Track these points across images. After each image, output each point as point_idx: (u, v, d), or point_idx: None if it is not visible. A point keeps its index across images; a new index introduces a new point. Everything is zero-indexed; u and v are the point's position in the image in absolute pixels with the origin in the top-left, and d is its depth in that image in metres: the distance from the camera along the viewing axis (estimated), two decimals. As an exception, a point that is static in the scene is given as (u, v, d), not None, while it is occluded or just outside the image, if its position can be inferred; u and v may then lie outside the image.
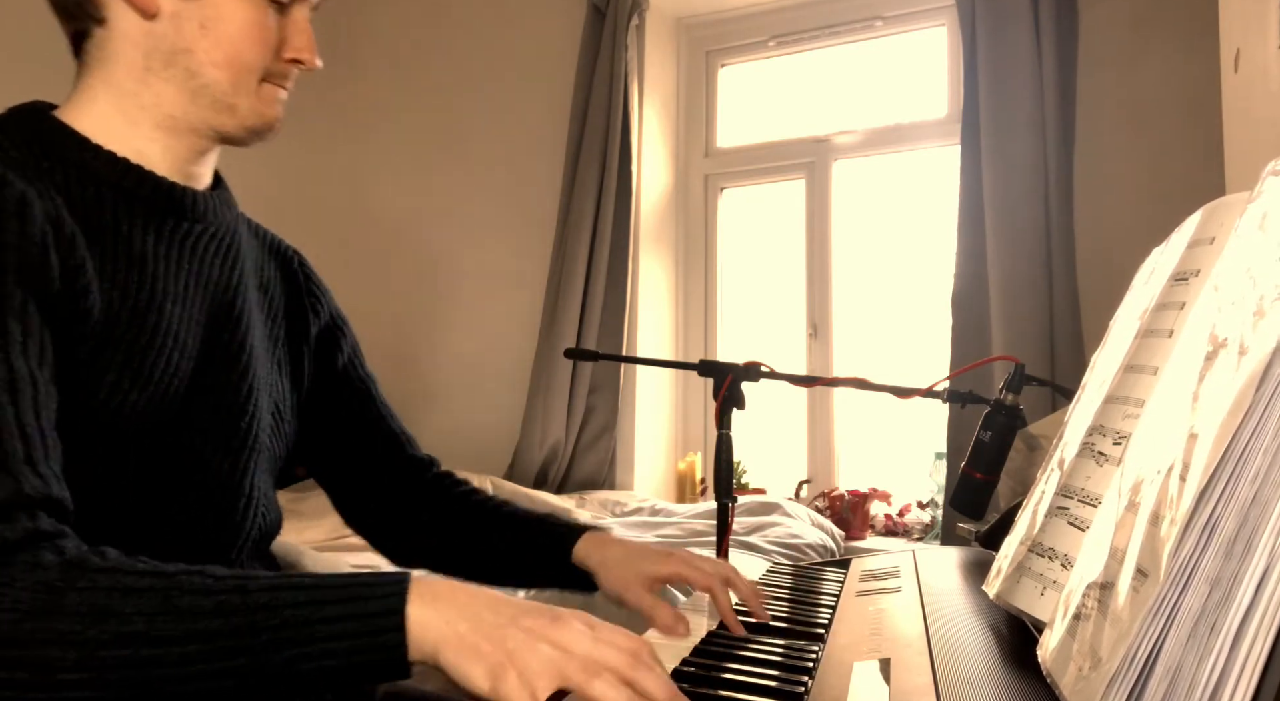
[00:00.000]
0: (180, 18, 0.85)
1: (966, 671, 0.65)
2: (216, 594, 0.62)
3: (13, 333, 0.69)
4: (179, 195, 0.88)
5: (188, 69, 0.86)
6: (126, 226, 0.84)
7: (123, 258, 0.82)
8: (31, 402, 0.68)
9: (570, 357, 2.48)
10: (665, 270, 3.30)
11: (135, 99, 0.86)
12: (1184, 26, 2.41)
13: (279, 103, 0.92)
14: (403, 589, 0.63)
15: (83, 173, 0.83)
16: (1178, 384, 0.55)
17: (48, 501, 0.66)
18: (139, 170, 0.86)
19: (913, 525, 2.89)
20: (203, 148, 0.91)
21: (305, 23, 0.91)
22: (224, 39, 0.86)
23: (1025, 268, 2.47)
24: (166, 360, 0.83)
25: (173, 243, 0.88)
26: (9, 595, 0.59)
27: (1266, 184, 0.56)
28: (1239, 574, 0.38)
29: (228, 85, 0.87)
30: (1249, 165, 1.51)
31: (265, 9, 0.87)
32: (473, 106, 3.38)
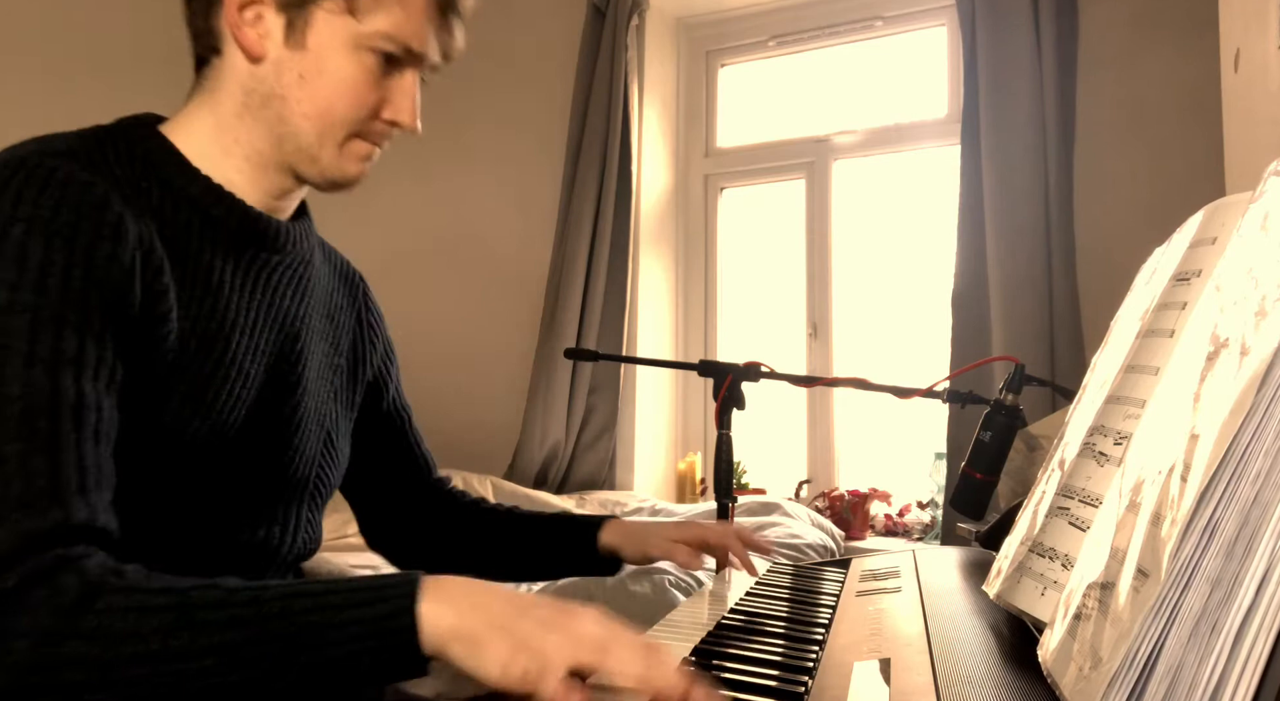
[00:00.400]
0: (282, 65, 0.86)
1: (966, 671, 0.65)
2: (231, 606, 0.63)
3: (88, 355, 0.71)
4: (263, 226, 0.90)
5: (279, 115, 0.87)
6: (209, 254, 0.85)
7: (200, 286, 0.83)
8: (94, 430, 0.70)
9: (570, 358, 2.47)
10: (665, 270, 3.30)
11: (231, 132, 0.88)
12: (1184, 26, 2.41)
13: (364, 161, 0.91)
14: (413, 588, 0.64)
15: (178, 197, 0.84)
16: (1179, 384, 0.55)
17: (89, 529, 0.67)
18: (230, 198, 0.87)
19: (913, 525, 2.89)
20: (287, 186, 0.92)
21: (413, 86, 0.90)
22: (319, 92, 0.86)
23: (1025, 268, 2.47)
24: (229, 391, 0.84)
25: (249, 273, 0.89)
26: (30, 620, 0.61)
27: (1268, 184, 0.56)
28: (1240, 574, 0.38)
29: (313, 136, 0.87)
30: (1249, 165, 1.51)
31: (372, 68, 0.87)
32: (472, 106, 3.38)
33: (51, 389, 0.68)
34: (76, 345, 0.70)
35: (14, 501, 0.64)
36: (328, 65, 0.86)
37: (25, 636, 0.60)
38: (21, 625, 0.60)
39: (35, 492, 0.65)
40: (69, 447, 0.67)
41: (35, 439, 0.66)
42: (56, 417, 0.67)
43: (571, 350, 2.19)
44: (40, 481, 0.65)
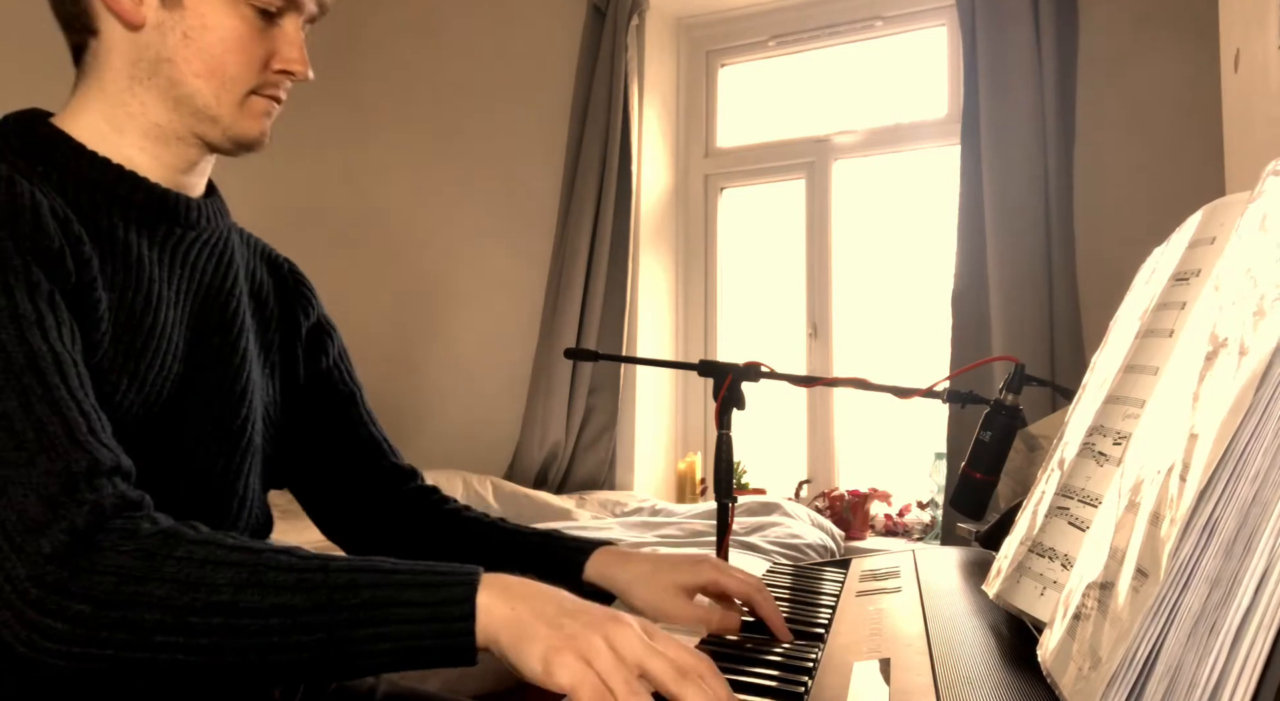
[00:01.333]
0: (164, 28, 0.85)
1: (966, 671, 0.65)
2: (300, 571, 0.65)
3: (46, 317, 0.71)
4: (171, 201, 0.89)
5: (170, 78, 0.86)
6: (123, 231, 0.85)
7: (120, 261, 0.83)
8: (78, 380, 0.71)
9: (570, 358, 2.47)
10: (665, 270, 3.30)
11: (123, 108, 0.87)
12: (1184, 26, 2.41)
13: (266, 116, 0.91)
14: (474, 579, 0.65)
15: (78, 178, 0.84)
16: (1178, 384, 0.55)
17: (119, 470, 0.69)
18: (132, 176, 0.86)
19: (913, 525, 2.89)
20: (191, 157, 0.91)
21: (296, 33, 0.90)
22: (206, 49, 0.86)
23: (1025, 268, 2.47)
24: (161, 363, 0.84)
25: (165, 248, 0.88)
26: (112, 560, 0.63)
27: (1267, 184, 0.56)
28: (1239, 574, 0.38)
29: (210, 96, 0.87)
30: (1249, 165, 1.51)
31: (252, 20, 0.87)
32: (473, 107, 3.38)
33: (25, 348, 0.69)
34: (33, 309, 0.71)
35: (35, 447, 0.65)
36: (209, 21, 0.85)
37: (110, 573, 0.62)
38: (107, 562, 0.63)
39: (53, 438, 0.66)
40: (64, 397, 0.68)
41: (30, 393, 0.67)
42: (41, 372, 0.68)
43: (571, 350, 2.19)
44: (52, 428, 0.66)
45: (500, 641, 0.63)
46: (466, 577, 0.65)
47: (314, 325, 1.08)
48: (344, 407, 1.09)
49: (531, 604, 0.64)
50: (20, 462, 0.65)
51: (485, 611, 0.64)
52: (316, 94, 3.21)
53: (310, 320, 1.08)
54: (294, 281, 1.08)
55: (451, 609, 0.64)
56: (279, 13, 0.89)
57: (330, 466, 1.08)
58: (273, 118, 0.92)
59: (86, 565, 0.62)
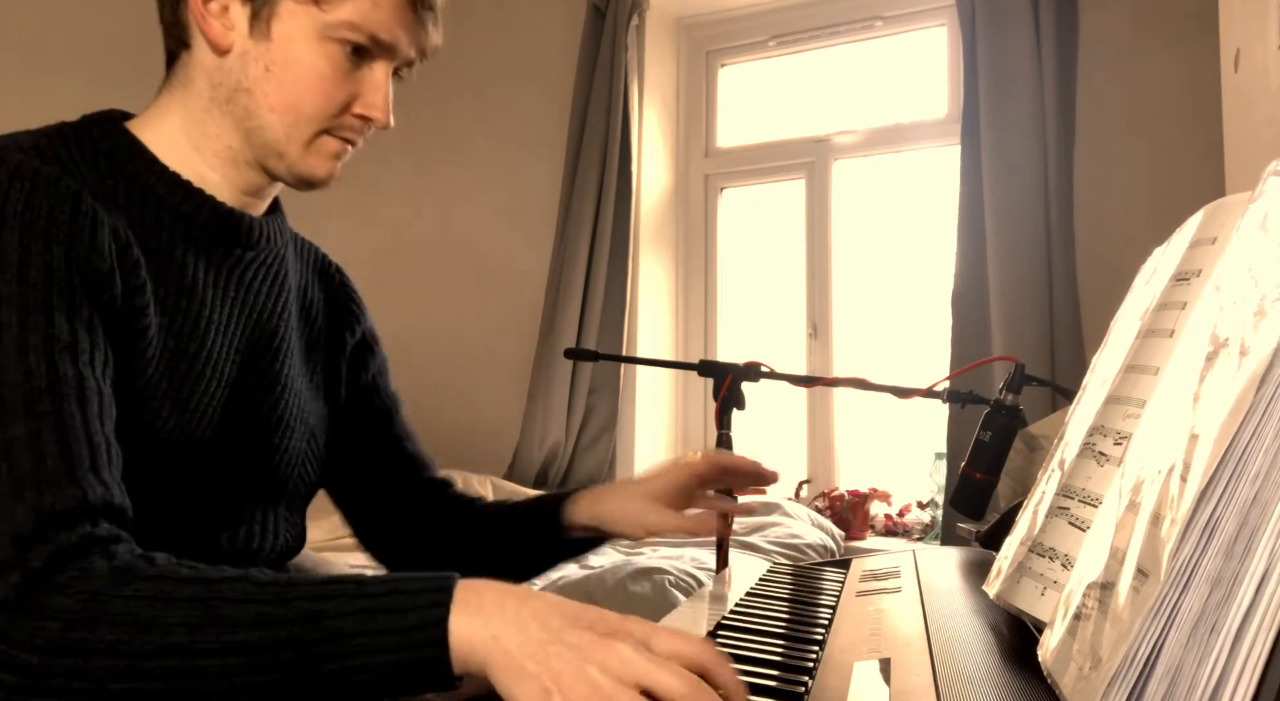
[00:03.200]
0: (247, 58, 0.84)
1: (966, 671, 0.64)
2: (259, 603, 0.61)
3: (81, 340, 0.70)
4: (235, 222, 0.88)
5: (246, 108, 0.85)
6: (181, 251, 0.84)
7: (174, 283, 0.83)
8: (98, 410, 0.69)
9: (570, 358, 2.48)
10: (665, 270, 3.30)
11: (201, 127, 0.87)
12: (1184, 26, 2.41)
13: (334, 159, 0.90)
14: (446, 597, 0.61)
15: (145, 194, 0.83)
16: (1178, 384, 0.55)
17: (109, 508, 0.66)
18: (199, 194, 0.86)
19: (913, 525, 2.89)
20: (260, 182, 0.90)
21: (384, 79, 0.89)
22: (286, 85, 0.84)
23: (1025, 268, 2.47)
24: (204, 389, 0.83)
25: (222, 270, 0.88)
26: (61, 603, 0.60)
27: (1268, 184, 0.56)
28: (1239, 574, 0.38)
29: (280, 132, 0.86)
30: (1249, 165, 1.51)
31: (339, 61, 0.85)
32: (473, 106, 3.38)
33: (50, 372, 0.67)
34: (69, 331, 0.70)
35: (28, 480, 0.63)
36: (293, 57, 0.84)
37: (57, 618, 0.59)
38: (53, 606, 0.59)
39: (48, 471, 0.64)
40: (76, 427, 0.67)
41: (41, 420, 0.66)
42: (60, 399, 0.67)
43: (571, 350, 2.19)
44: (51, 460, 0.65)
45: (490, 674, 0.59)
46: (438, 596, 0.61)
47: (359, 341, 1.08)
48: (383, 422, 1.10)
49: (511, 629, 0.59)
50: (8, 495, 0.62)
51: (463, 638, 0.59)
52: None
53: (356, 337, 1.08)
54: (344, 295, 1.08)
55: (421, 635, 0.59)
56: (370, 55, 0.87)
57: (370, 479, 1.09)
58: (344, 160, 0.91)
59: (34, 611, 0.59)
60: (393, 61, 0.89)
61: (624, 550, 2.30)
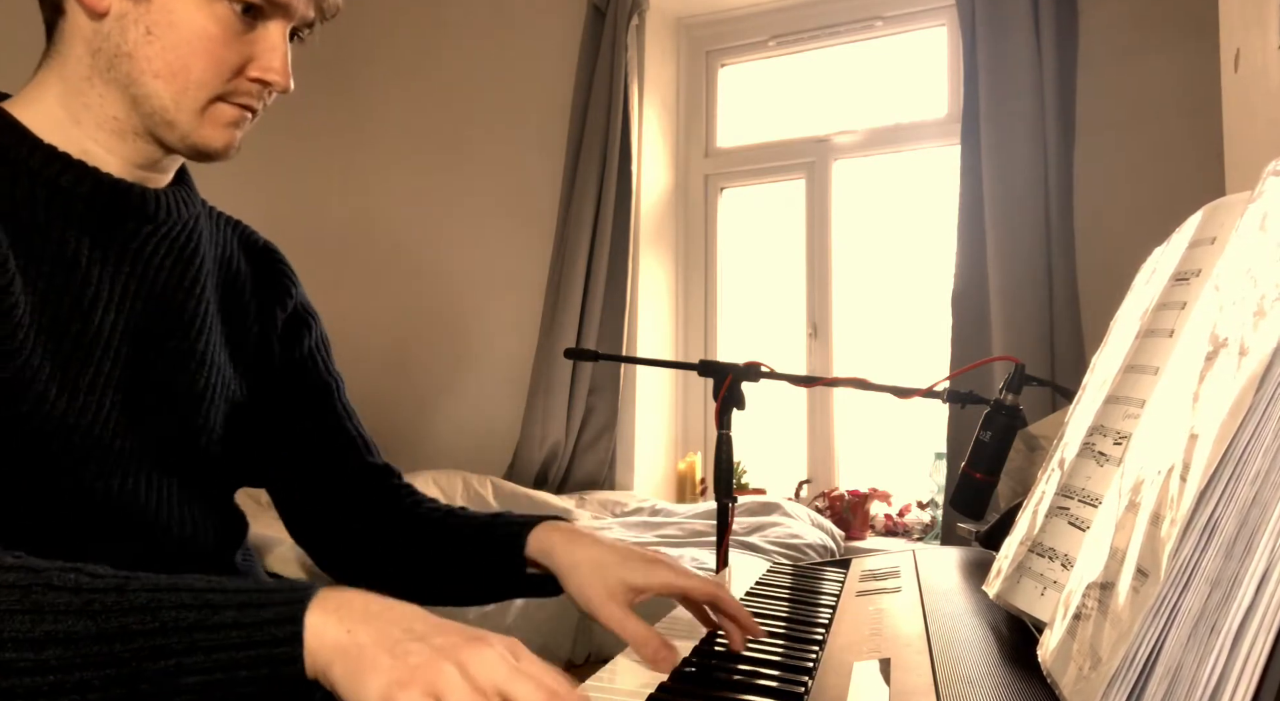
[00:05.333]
0: (126, 20, 0.78)
1: (966, 671, 0.65)
2: (89, 592, 0.54)
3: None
4: (123, 192, 0.82)
5: (129, 75, 0.79)
6: (60, 228, 0.78)
7: (50, 261, 0.77)
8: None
9: (570, 358, 2.47)
10: (665, 270, 3.30)
11: (80, 97, 0.80)
12: (1184, 26, 2.41)
13: (234, 126, 0.83)
14: (305, 595, 0.56)
15: (17, 169, 0.77)
16: (1178, 384, 0.55)
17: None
18: (80, 166, 0.79)
19: (913, 525, 2.89)
20: (152, 154, 0.83)
21: (280, 39, 0.82)
22: (169, 48, 0.78)
23: (1025, 268, 2.47)
24: (96, 369, 0.78)
25: (111, 245, 0.82)
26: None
27: (1267, 184, 0.56)
28: (1239, 574, 0.38)
29: (167, 99, 0.79)
30: (1249, 165, 1.51)
31: (228, 21, 0.79)
32: (473, 107, 3.38)
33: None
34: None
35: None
36: (177, 17, 0.77)
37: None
38: None
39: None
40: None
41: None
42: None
43: (571, 350, 2.19)
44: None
45: (333, 672, 0.54)
46: (295, 594, 0.56)
47: (291, 313, 1.00)
48: (319, 399, 1.01)
49: (373, 626, 0.54)
50: None
51: (315, 634, 0.54)
52: (316, 96, 3.22)
53: (288, 310, 1.00)
54: (274, 269, 1.00)
55: (273, 631, 0.54)
56: (263, 15, 0.80)
57: (303, 462, 0.99)
58: (243, 128, 0.84)
59: None
60: (289, 21, 0.82)
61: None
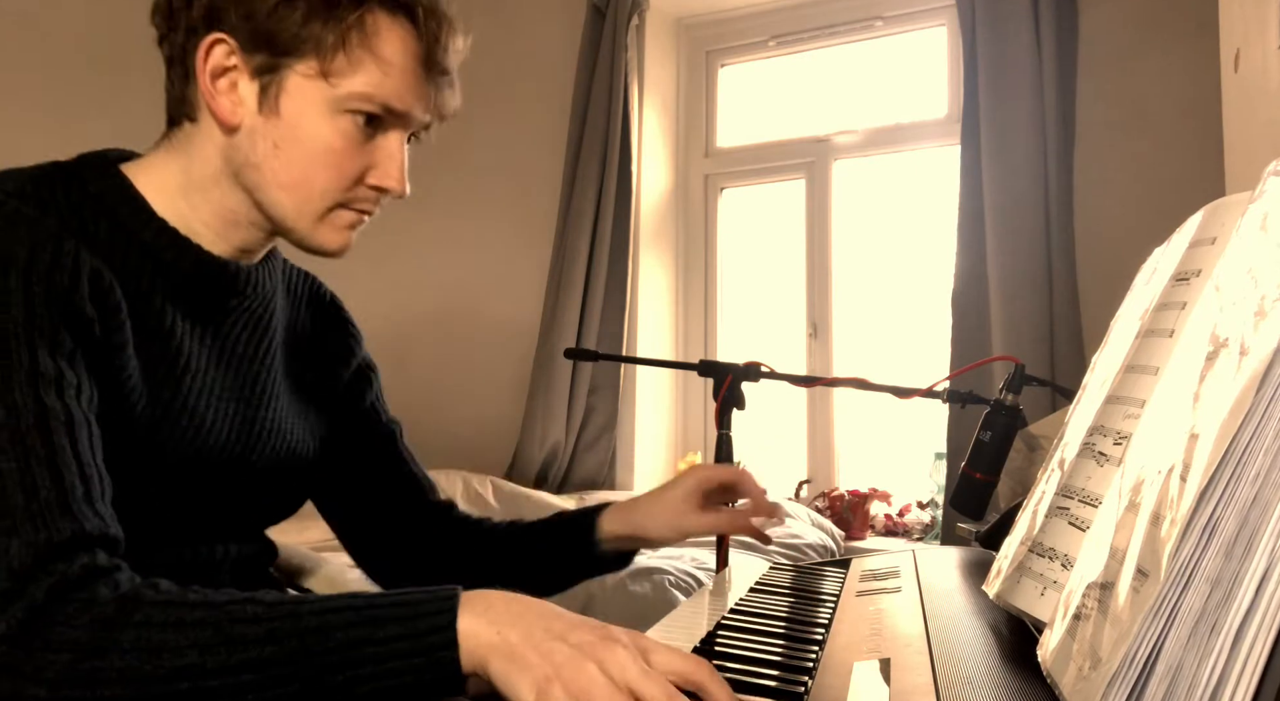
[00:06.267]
0: (256, 134, 0.82)
1: (966, 671, 0.65)
2: (268, 621, 0.62)
3: (65, 375, 0.70)
4: (219, 271, 0.86)
5: (255, 183, 0.84)
6: (160, 299, 0.83)
7: (152, 329, 0.82)
8: (87, 443, 0.69)
9: (570, 358, 2.48)
10: (665, 270, 3.30)
11: (203, 193, 0.85)
12: (1184, 26, 2.41)
13: (348, 230, 0.87)
14: (453, 604, 0.63)
15: (130, 238, 0.81)
16: (1178, 384, 0.55)
17: (105, 539, 0.67)
18: (185, 243, 0.84)
19: (913, 525, 2.89)
20: (260, 242, 0.89)
21: (398, 148, 0.86)
22: (295, 161, 0.82)
23: (1025, 268, 2.47)
24: (180, 435, 0.83)
25: (199, 317, 0.86)
26: (67, 635, 0.60)
27: (1268, 184, 0.56)
28: (1239, 574, 0.38)
29: (289, 208, 0.84)
30: (1249, 165, 1.51)
31: (352, 134, 0.83)
32: (472, 106, 3.36)
33: (38, 406, 0.67)
34: (53, 366, 0.70)
35: (22, 514, 0.63)
36: (303, 132, 0.82)
37: (64, 650, 0.59)
38: (60, 638, 0.60)
39: (42, 504, 0.64)
40: (68, 459, 0.67)
41: (32, 454, 0.66)
42: (49, 432, 0.67)
43: (571, 350, 2.19)
44: (45, 493, 0.65)
45: (489, 668, 0.61)
46: (445, 603, 0.63)
47: (355, 370, 1.07)
48: (384, 447, 1.09)
49: (518, 626, 0.61)
50: (3, 530, 0.63)
51: (469, 636, 0.61)
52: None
53: (351, 368, 1.07)
54: (339, 324, 1.07)
55: (433, 638, 0.61)
56: (384, 125, 0.84)
57: (372, 505, 1.08)
58: (358, 229, 0.89)
59: (40, 643, 0.59)
60: (407, 129, 0.87)
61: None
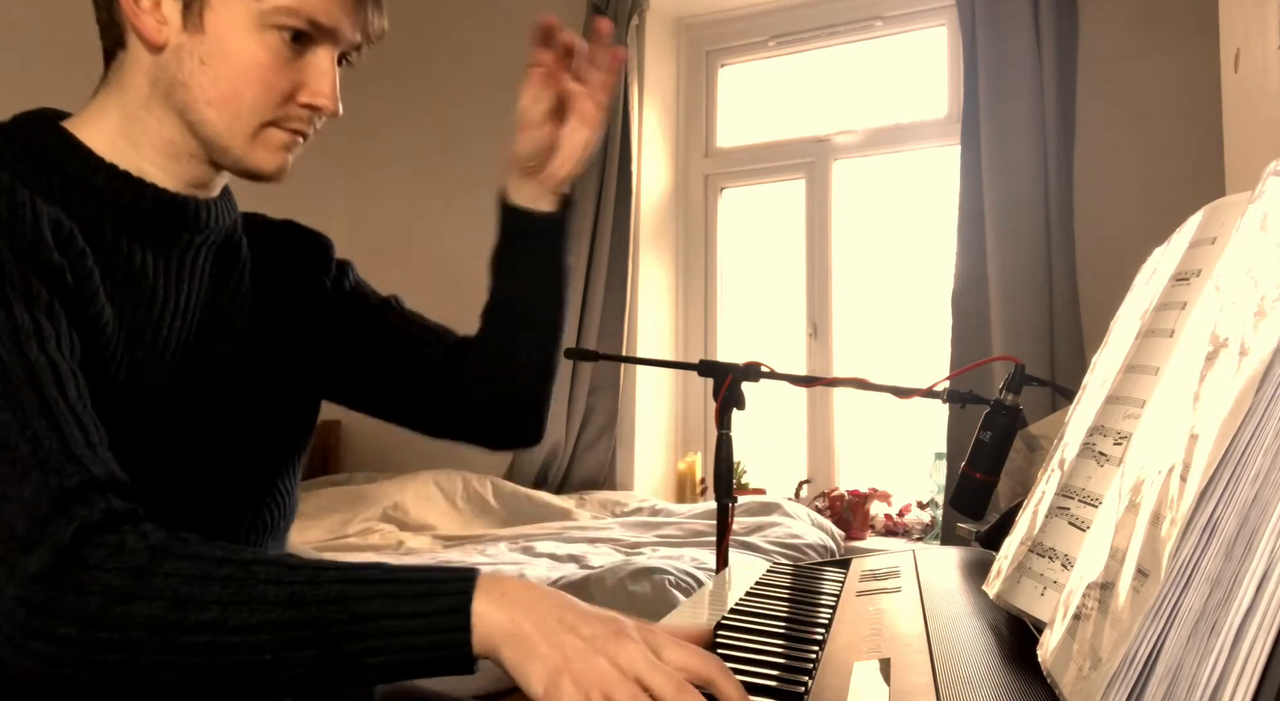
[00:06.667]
0: (182, 52, 0.82)
1: (966, 671, 0.65)
2: (290, 584, 0.63)
3: (45, 328, 0.70)
4: (180, 206, 0.86)
5: (184, 102, 0.83)
6: (126, 242, 0.82)
7: (122, 275, 0.81)
8: (77, 392, 0.70)
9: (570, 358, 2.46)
10: (665, 270, 3.30)
11: (140, 124, 0.85)
12: (1184, 26, 2.41)
13: (285, 150, 0.87)
14: (470, 585, 0.64)
15: (84, 188, 0.81)
16: (1178, 384, 0.55)
17: (114, 482, 0.67)
18: (139, 183, 0.84)
19: (913, 525, 2.89)
20: (205, 174, 0.88)
21: (329, 65, 0.86)
22: (222, 77, 0.82)
23: (1025, 268, 2.47)
24: (160, 375, 0.83)
25: (171, 256, 0.86)
26: (98, 579, 0.61)
27: (1267, 184, 0.56)
28: (1239, 574, 0.38)
29: (220, 126, 0.83)
30: (1249, 165, 1.51)
31: (279, 49, 0.82)
32: (472, 107, 3.38)
33: (23, 361, 0.67)
34: (30, 320, 0.69)
35: (29, 463, 0.64)
36: (229, 47, 0.81)
37: (95, 593, 0.61)
38: (92, 581, 0.61)
39: (47, 452, 0.65)
40: (62, 409, 0.67)
41: (26, 407, 0.66)
42: (39, 384, 0.67)
43: (571, 350, 2.18)
44: (48, 442, 0.65)
45: (501, 654, 0.62)
46: (462, 584, 0.64)
47: (336, 271, 1.06)
48: (391, 314, 1.08)
49: (531, 614, 0.62)
50: (13, 479, 0.63)
51: (482, 620, 0.62)
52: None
53: (331, 272, 1.05)
54: (306, 242, 1.05)
55: (446, 619, 0.62)
56: (312, 41, 0.84)
57: (401, 378, 1.07)
58: (294, 152, 0.88)
59: (73, 585, 0.61)
60: (336, 46, 0.86)
61: (624, 550, 2.30)
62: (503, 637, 0.62)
